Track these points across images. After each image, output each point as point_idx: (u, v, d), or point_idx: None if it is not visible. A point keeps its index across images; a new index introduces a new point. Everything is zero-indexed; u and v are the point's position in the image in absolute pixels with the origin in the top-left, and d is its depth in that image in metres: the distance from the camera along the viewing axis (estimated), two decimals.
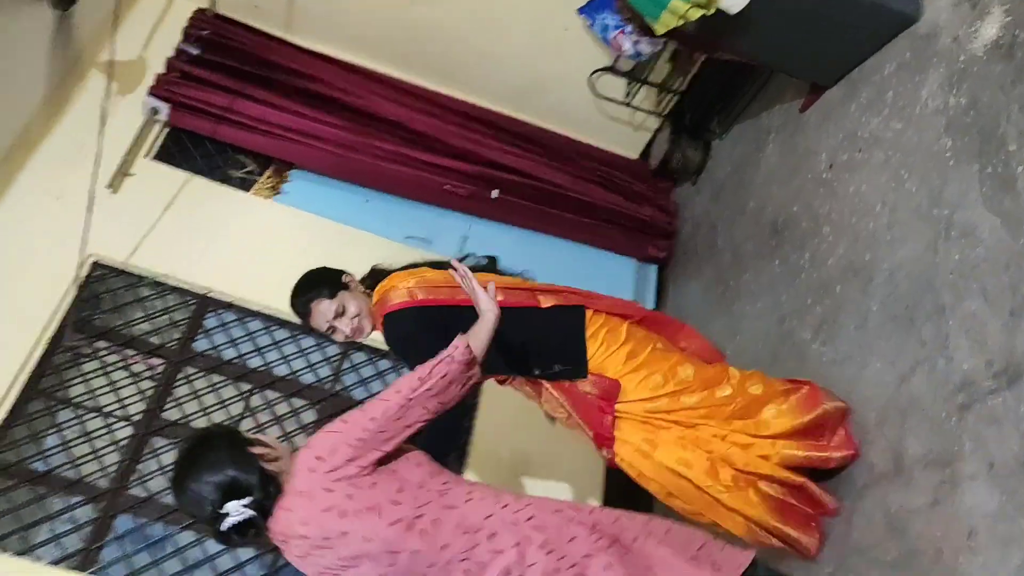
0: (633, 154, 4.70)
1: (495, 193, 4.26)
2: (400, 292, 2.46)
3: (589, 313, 2.57)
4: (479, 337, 2.02)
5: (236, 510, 1.78)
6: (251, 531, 1.81)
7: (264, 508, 1.82)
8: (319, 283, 2.49)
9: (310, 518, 1.80)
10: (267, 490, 1.83)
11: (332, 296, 2.45)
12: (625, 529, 1.97)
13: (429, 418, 1.91)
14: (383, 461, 1.87)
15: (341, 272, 2.53)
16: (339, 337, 2.47)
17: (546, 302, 2.57)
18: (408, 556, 1.80)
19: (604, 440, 2.51)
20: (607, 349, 2.51)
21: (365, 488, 1.81)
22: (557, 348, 2.51)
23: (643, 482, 2.56)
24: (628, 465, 2.53)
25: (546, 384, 2.52)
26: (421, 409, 1.89)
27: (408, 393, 1.87)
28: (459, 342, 1.94)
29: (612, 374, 2.49)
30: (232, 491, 1.79)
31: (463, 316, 2.22)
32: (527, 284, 2.68)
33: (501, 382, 2.63)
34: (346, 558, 1.81)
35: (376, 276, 2.61)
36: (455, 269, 2.20)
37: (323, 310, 2.44)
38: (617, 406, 2.48)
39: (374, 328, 2.50)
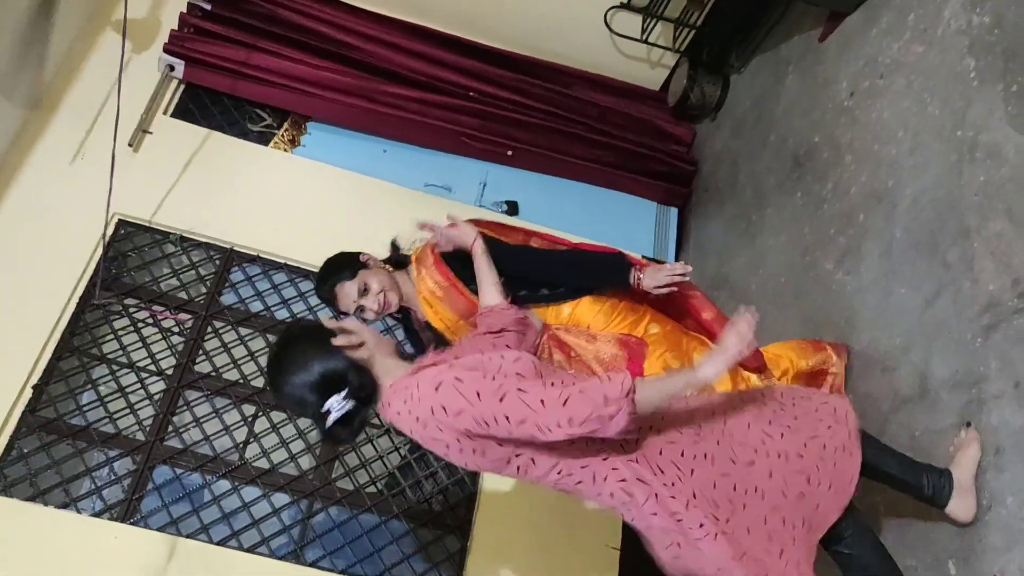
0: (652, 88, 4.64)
1: (510, 152, 4.24)
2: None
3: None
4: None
5: (336, 405, 1.78)
6: (356, 421, 1.82)
7: (362, 396, 1.82)
8: (338, 267, 2.49)
9: (418, 436, 1.81)
10: (361, 379, 1.82)
11: (352, 277, 2.44)
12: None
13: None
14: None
15: (358, 253, 2.52)
16: (369, 315, 2.45)
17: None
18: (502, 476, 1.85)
19: None
20: (623, 320, 2.51)
21: (476, 443, 1.78)
22: (597, 265, 2.51)
23: None
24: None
25: (575, 347, 2.49)
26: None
27: (544, 424, 1.70)
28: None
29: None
30: (326, 387, 1.79)
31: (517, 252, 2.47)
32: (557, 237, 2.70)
33: None
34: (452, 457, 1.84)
35: (395, 248, 2.63)
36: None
37: (347, 292, 2.44)
38: (645, 368, 2.43)
39: (401, 299, 2.49)
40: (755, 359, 2.53)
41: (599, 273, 2.49)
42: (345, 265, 2.47)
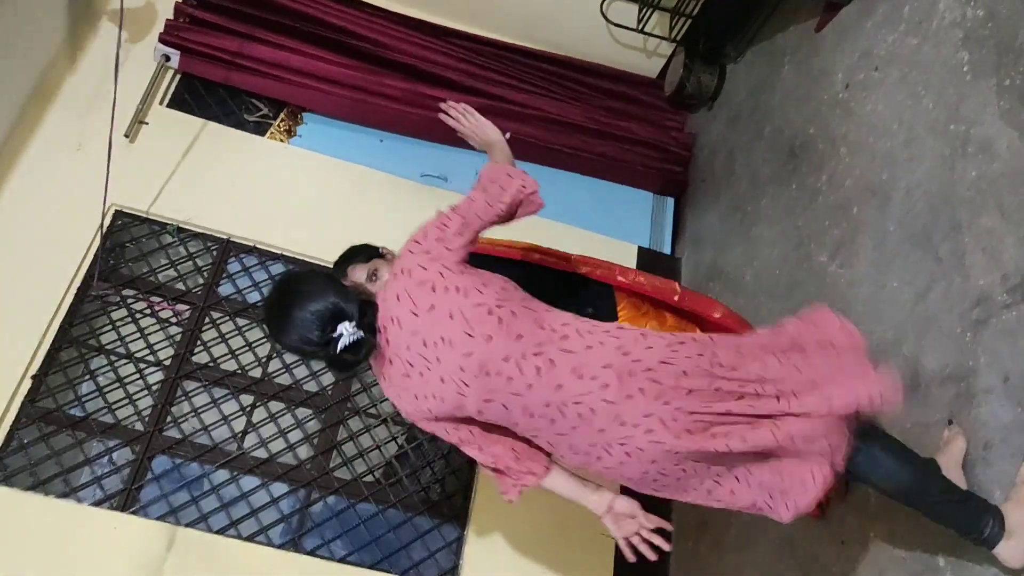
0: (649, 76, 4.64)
1: (508, 134, 4.22)
2: None
3: (618, 295, 2.73)
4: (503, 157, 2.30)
5: (349, 330, 1.84)
6: (364, 349, 1.87)
7: (371, 329, 1.89)
8: (356, 252, 2.62)
9: (404, 291, 1.89)
10: (370, 313, 1.90)
11: (366, 260, 2.56)
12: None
13: (498, 217, 2.02)
14: (463, 258, 1.97)
15: (379, 246, 2.64)
16: None
17: (581, 269, 2.74)
18: (483, 344, 1.84)
19: None
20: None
21: (455, 271, 1.91)
22: (590, 296, 2.67)
23: None
24: None
25: None
26: (489, 207, 2.00)
27: (478, 194, 2.02)
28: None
29: None
30: (338, 316, 1.85)
31: (515, 267, 2.59)
32: (562, 253, 2.81)
33: None
34: (430, 343, 1.87)
35: None
36: (446, 111, 2.44)
37: (357, 274, 2.55)
38: None
39: None
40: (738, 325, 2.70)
41: None
42: (363, 251, 2.61)
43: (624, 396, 1.81)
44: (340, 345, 1.84)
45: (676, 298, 2.76)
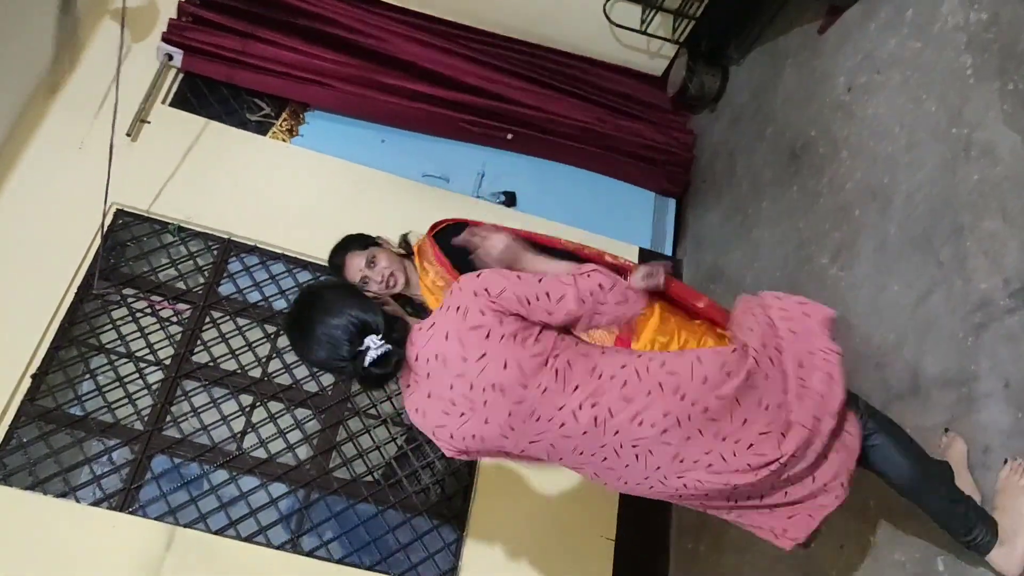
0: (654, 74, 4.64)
1: (509, 135, 4.24)
2: (448, 219, 2.65)
3: None
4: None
5: (375, 344, 1.79)
6: (392, 362, 1.82)
7: (396, 339, 1.84)
8: (354, 240, 2.66)
9: (455, 332, 1.81)
10: (395, 326, 1.85)
11: (364, 248, 2.61)
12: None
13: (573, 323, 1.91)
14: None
15: (377, 236, 2.69)
16: (372, 287, 2.58)
17: (569, 246, 2.70)
18: (536, 393, 1.80)
19: None
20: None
21: (515, 320, 1.82)
22: None
23: None
24: None
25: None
26: (588, 316, 1.89)
27: (583, 293, 1.87)
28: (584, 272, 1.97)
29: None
30: (364, 330, 1.81)
31: None
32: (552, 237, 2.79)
33: None
34: (477, 388, 1.81)
35: (405, 243, 2.76)
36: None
37: (355, 262, 2.59)
38: (633, 343, 2.53)
39: (407, 281, 2.63)
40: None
41: None
42: (360, 239, 2.66)
43: (684, 438, 1.81)
44: (368, 359, 1.79)
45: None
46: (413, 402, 1.89)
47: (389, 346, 1.81)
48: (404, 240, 2.78)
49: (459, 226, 2.55)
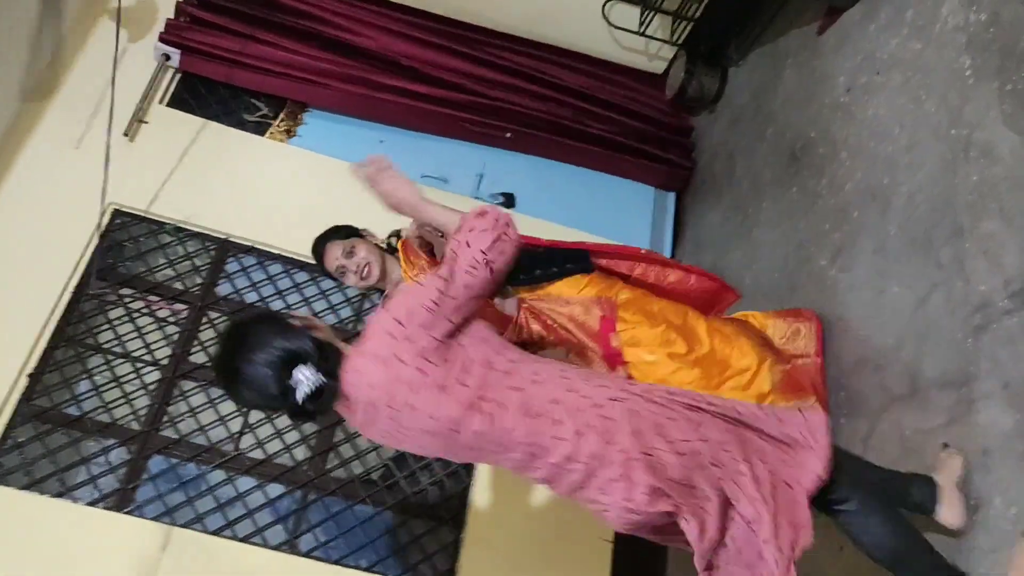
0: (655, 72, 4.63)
1: (508, 134, 4.23)
2: None
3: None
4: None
5: (307, 377, 1.70)
6: (326, 395, 1.73)
7: (331, 372, 1.74)
8: (336, 230, 2.70)
9: (380, 384, 1.74)
10: (327, 354, 1.76)
11: (344, 238, 2.64)
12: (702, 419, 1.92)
13: (491, 286, 1.85)
14: (451, 335, 1.80)
15: (361, 228, 2.72)
16: (348, 279, 2.62)
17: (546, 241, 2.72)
18: (471, 435, 1.77)
19: (613, 357, 2.60)
20: (594, 288, 2.64)
21: (437, 364, 1.75)
22: (566, 254, 2.67)
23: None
24: (638, 371, 2.61)
25: (549, 312, 2.62)
26: (485, 278, 1.82)
27: (472, 260, 1.80)
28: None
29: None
30: (292, 362, 1.70)
31: None
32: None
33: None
34: (409, 428, 1.78)
35: (397, 237, 2.75)
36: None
37: (334, 251, 2.62)
38: (618, 325, 2.59)
39: (382, 277, 2.63)
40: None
41: None
42: (343, 229, 2.69)
43: (621, 475, 1.78)
44: (301, 394, 1.70)
45: (643, 252, 2.78)
46: (354, 421, 1.85)
47: (322, 378, 1.72)
48: (395, 235, 2.76)
49: None
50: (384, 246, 2.71)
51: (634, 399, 1.87)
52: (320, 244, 2.67)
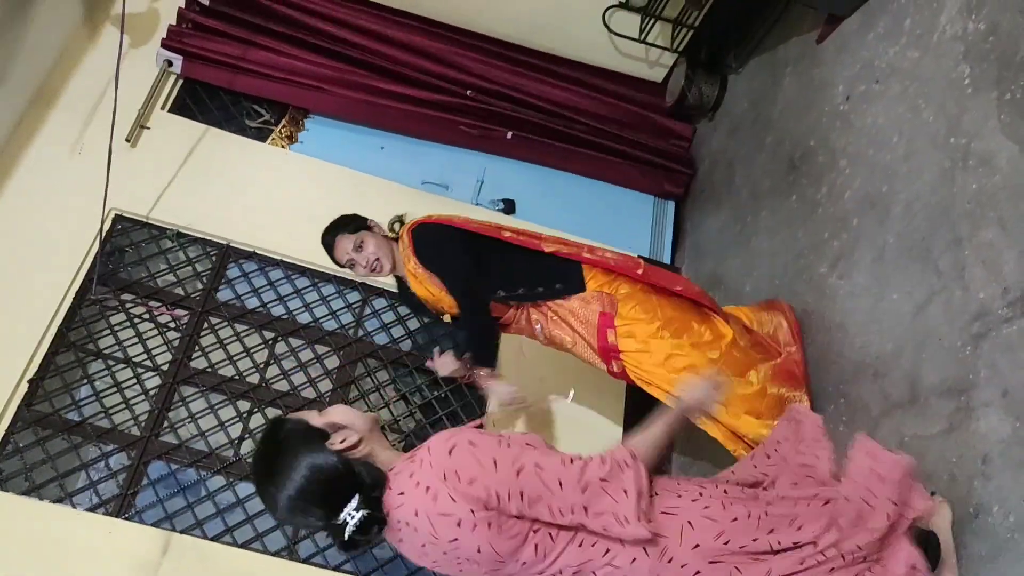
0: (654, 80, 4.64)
1: (510, 134, 4.24)
2: (433, 216, 2.79)
3: (586, 268, 2.80)
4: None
5: (351, 516, 1.62)
6: (375, 528, 1.65)
7: (374, 501, 1.66)
8: (346, 222, 2.79)
9: (424, 513, 1.64)
10: (371, 480, 1.67)
11: (354, 232, 2.73)
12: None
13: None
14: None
15: (368, 218, 2.81)
16: (358, 271, 2.75)
17: (548, 248, 2.80)
18: (515, 565, 1.70)
19: (608, 352, 2.75)
20: (595, 281, 2.78)
21: (483, 511, 1.64)
22: (559, 273, 2.78)
23: (649, 389, 2.78)
24: (632, 368, 2.76)
25: (550, 305, 2.78)
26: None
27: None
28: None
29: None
30: (332, 496, 1.64)
31: (489, 245, 2.72)
32: (534, 232, 2.90)
33: (506, 328, 2.90)
34: (451, 557, 1.70)
35: (401, 224, 2.87)
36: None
37: (344, 244, 2.72)
38: (616, 320, 2.72)
39: (393, 268, 2.77)
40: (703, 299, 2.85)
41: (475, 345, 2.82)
42: (352, 221, 2.78)
43: None
44: (348, 532, 1.62)
45: (640, 271, 2.80)
46: (392, 538, 1.75)
47: (366, 512, 1.63)
48: (398, 220, 2.86)
49: (436, 225, 2.74)
50: (392, 236, 2.82)
51: (682, 512, 1.82)
52: (329, 236, 2.76)
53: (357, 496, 1.64)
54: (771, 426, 2.60)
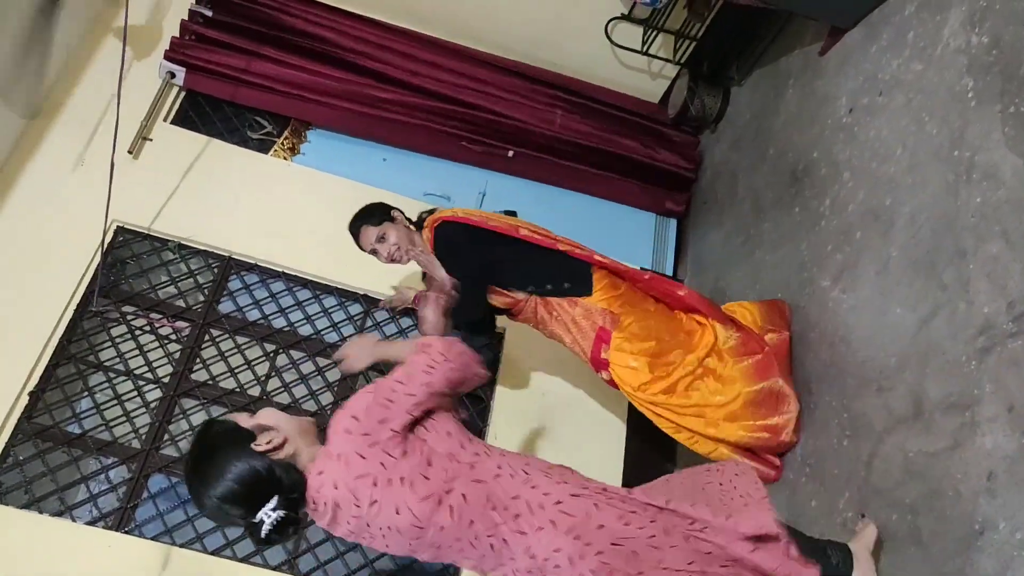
0: (651, 101, 4.64)
1: (511, 152, 4.24)
2: (453, 214, 2.97)
3: (595, 274, 2.96)
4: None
5: (268, 516, 1.72)
6: (290, 528, 1.76)
7: (293, 501, 1.76)
8: (370, 212, 2.94)
9: (342, 482, 1.76)
10: (289, 483, 1.77)
11: (377, 224, 2.89)
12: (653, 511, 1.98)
13: (450, 390, 1.91)
14: (412, 427, 1.84)
15: (392, 207, 2.98)
16: (381, 260, 2.92)
17: (561, 247, 2.99)
18: (435, 531, 1.81)
19: (599, 363, 2.92)
20: (604, 294, 2.93)
21: (397, 457, 1.78)
22: (568, 272, 2.94)
23: (633, 402, 2.98)
24: (620, 382, 2.91)
25: (557, 307, 2.93)
26: (444, 379, 1.88)
27: (430, 361, 1.87)
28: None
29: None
30: (252, 497, 1.73)
31: (505, 242, 2.92)
32: (548, 232, 3.07)
33: (514, 316, 3.02)
34: (374, 526, 1.81)
35: (428, 212, 3.06)
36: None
37: (368, 235, 2.90)
38: (613, 336, 2.88)
39: (412, 256, 2.95)
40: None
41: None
42: (376, 212, 2.94)
43: (576, 575, 1.83)
44: (264, 531, 1.73)
45: (647, 277, 3.02)
46: (321, 521, 1.86)
47: (283, 513, 1.73)
48: (427, 214, 3.05)
49: (456, 225, 2.91)
50: (414, 226, 3.00)
51: (594, 496, 1.93)
52: (355, 226, 2.93)
53: (276, 498, 1.73)
54: (747, 427, 2.81)
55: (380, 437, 1.78)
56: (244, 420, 1.84)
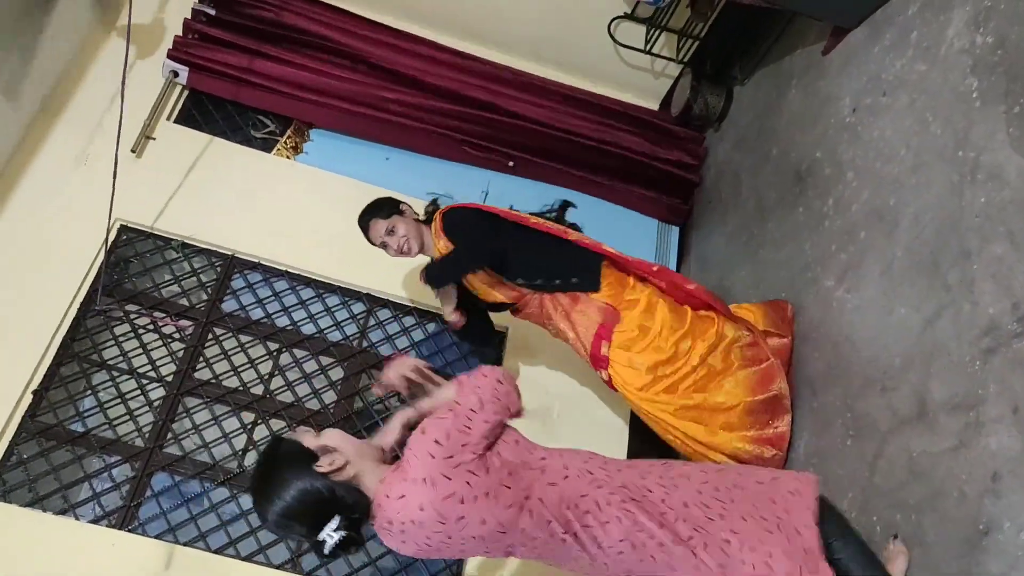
0: (653, 103, 4.64)
1: (511, 163, 4.25)
2: (467, 204, 3.05)
3: (603, 270, 2.98)
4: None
5: (330, 536, 1.78)
6: (352, 547, 1.82)
7: (355, 520, 1.82)
8: (380, 206, 3.02)
9: (429, 503, 1.79)
10: (351, 503, 1.81)
11: (387, 217, 2.96)
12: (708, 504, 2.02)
13: (507, 417, 1.99)
14: (488, 447, 1.91)
15: (400, 202, 3.05)
16: (390, 252, 2.99)
17: (571, 237, 3.02)
18: (518, 533, 1.88)
19: (598, 361, 2.92)
20: (610, 289, 2.95)
21: (481, 474, 1.84)
22: (577, 266, 2.96)
23: (629, 403, 2.99)
24: (620, 382, 2.91)
25: (562, 304, 2.95)
26: (509, 403, 1.98)
27: (495, 386, 1.97)
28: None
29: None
30: (312, 516, 1.79)
31: (518, 229, 2.96)
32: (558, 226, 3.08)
33: (519, 311, 3.09)
34: (455, 538, 1.85)
35: (435, 207, 3.11)
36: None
37: (377, 228, 2.96)
38: (615, 328, 2.89)
39: (422, 249, 3.00)
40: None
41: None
42: (385, 206, 3.01)
43: (637, 560, 1.92)
44: (327, 550, 1.79)
45: (655, 268, 3.01)
46: (390, 541, 1.89)
47: (344, 533, 1.79)
48: (434, 205, 3.12)
49: (466, 208, 3.01)
50: (423, 220, 3.05)
51: (646, 481, 2.02)
52: (364, 219, 3.00)
53: (338, 518, 1.78)
54: (745, 437, 2.83)
55: (464, 459, 1.83)
56: (309, 440, 1.88)
